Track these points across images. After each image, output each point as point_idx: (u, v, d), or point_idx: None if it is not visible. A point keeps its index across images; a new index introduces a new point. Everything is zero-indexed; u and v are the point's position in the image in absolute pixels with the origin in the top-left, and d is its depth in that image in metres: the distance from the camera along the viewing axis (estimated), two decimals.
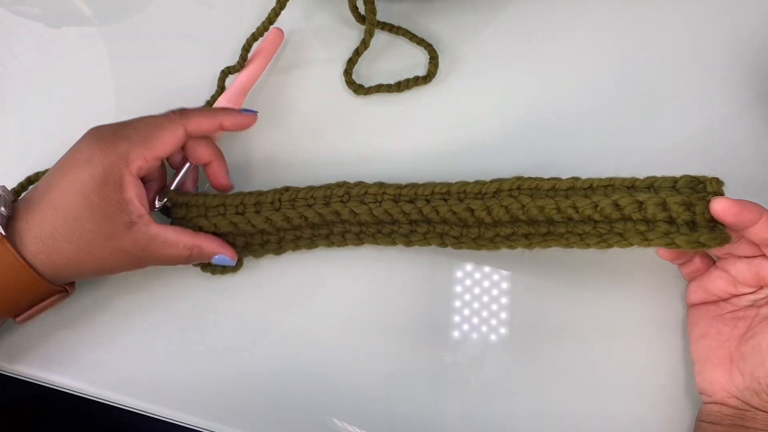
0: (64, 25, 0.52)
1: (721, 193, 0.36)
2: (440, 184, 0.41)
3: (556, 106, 0.47)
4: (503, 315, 0.43)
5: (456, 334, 0.43)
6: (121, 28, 0.52)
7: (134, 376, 0.43)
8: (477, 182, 0.41)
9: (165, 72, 0.50)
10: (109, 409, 0.44)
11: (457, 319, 0.43)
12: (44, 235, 0.36)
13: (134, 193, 0.38)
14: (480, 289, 0.43)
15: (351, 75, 0.48)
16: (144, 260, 0.39)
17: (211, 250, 0.41)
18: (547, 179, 0.39)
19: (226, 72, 0.48)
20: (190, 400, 0.42)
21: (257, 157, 0.47)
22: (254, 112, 0.44)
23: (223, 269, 0.44)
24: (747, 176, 0.42)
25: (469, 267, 0.44)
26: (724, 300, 0.39)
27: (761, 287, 0.37)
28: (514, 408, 0.41)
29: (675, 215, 0.36)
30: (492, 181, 0.40)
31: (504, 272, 0.43)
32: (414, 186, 0.41)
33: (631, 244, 0.37)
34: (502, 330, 0.42)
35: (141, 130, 0.38)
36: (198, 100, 0.48)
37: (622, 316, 0.42)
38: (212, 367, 0.43)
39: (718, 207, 0.34)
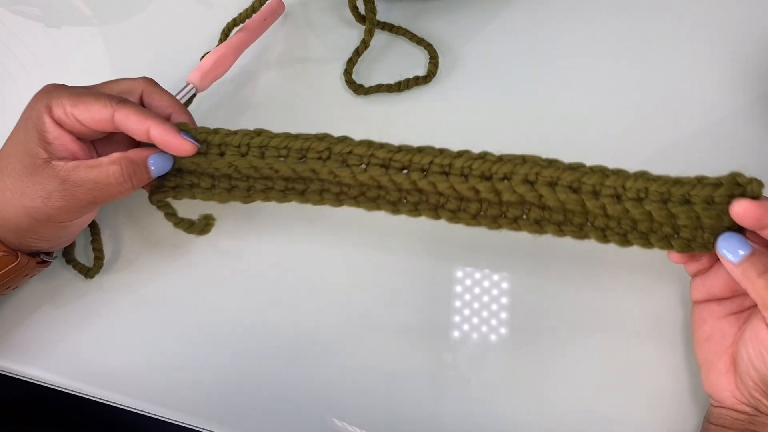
0: (64, 25, 0.52)
1: (759, 196, 0.33)
2: (441, 153, 0.35)
3: (557, 106, 0.47)
4: (503, 315, 0.43)
5: (456, 334, 0.42)
6: (121, 28, 0.52)
7: (133, 376, 0.43)
8: (485, 159, 0.35)
9: (165, 72, 0.50)
10: (108, 410, 0.44)
11: (457, 319, 0.43)
12: None
13: (53, 134, 0.37)
14: (480, 289, 0.43)
15: (351, 75, 0.48)
16: (74, 193, 0.37)
17: (139, 156, 0.38)
18: (570, 168, 0.34)
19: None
20: (189, 400, 0.42)
21: None
22: (194, 143, 0.38)
23: (191, 226, 0.40)
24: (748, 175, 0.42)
25: (469, 267, 0.44)
26: (728, 299, 0.38)
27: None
28: (514, 408, 0.41)
29: (705, 226, 0.34)
30: (504, 162, 0.34)
31: (504, 272, 0.43)
32: (409, 151, 0.35)
33: (653, 246, 0.35)
34: (502, 330, 0.42)
35: (79, 89, 0.39)
36: (198, 100, 0.48)
37: (622, 317, 0.42)
38: (212, 367, 0.43)
39: (740, 210, 0.32)
